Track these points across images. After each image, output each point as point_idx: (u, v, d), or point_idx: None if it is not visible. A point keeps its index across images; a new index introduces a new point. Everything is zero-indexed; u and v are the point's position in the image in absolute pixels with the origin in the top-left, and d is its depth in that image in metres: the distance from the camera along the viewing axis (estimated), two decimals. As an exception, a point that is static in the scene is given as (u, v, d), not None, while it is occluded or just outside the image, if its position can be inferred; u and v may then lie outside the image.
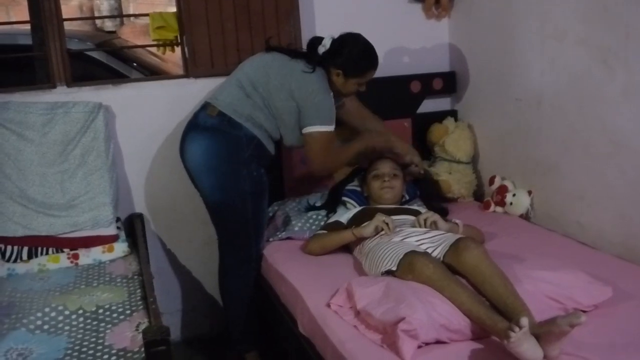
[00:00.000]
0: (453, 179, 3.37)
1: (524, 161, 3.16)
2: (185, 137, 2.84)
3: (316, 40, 2.83)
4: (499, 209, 3.21)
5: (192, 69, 3.18)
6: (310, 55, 2.81)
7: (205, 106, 2.83)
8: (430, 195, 3.20)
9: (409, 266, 2.21)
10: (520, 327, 1.77)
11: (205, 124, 2.79)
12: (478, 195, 3.50)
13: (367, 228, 2.61)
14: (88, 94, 3.05)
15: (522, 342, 1.79)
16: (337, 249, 2.75)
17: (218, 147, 2.76)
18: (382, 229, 2.59)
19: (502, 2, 3.17)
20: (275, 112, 2.77)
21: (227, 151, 2.76)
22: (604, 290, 2.21)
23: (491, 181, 3.30)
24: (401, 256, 2.28)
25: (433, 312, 2.00)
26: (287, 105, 2.74)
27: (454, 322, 2.00)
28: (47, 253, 2.84)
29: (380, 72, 3.19)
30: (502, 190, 3.21)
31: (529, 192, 3.12)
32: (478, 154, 3.53)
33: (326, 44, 2.79)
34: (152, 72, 4.56)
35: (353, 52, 2.77)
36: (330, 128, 2.76)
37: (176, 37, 3.22)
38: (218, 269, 2.97)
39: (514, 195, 3.15)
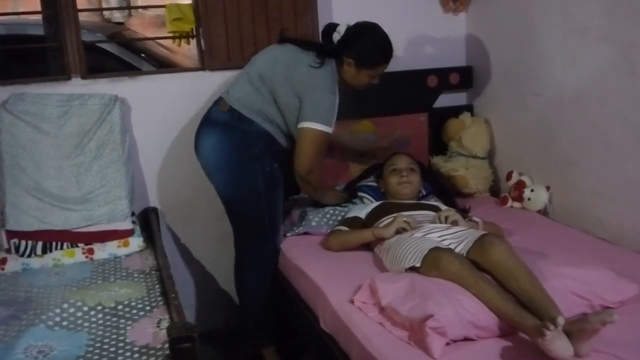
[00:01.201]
0: (470, 174, 3.35)
1: (543, 157, 3.13)
2: (199, 132, 2.82)
3: (331, 27, 2.79)
4: (516, 205, 3.19)
5: (208, 62, 3.15)
6: (325, 42, 2.77)
7: (218, 101, 2.81)
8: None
9: (434, 262, 2.18)
10: (556, 326, 1.75)
11: (217, 119, 2.76)
12: (494, 190, 3.47)
13: (388, 230, 2.58)
14: (103, 86, 3.03)
15: (555, 339, 1.77)
16: (356, 244, 2.73)
17: (228, 142, 2.73)
18: (403, 230, 2.57)
19: (522, -4, 3.14)
20: (280, 107, 2.72)
21: (237, 147, 2.73)
22: (630, 286, 2.20)
23: (508, 176, 3.27)
24: (425, 252, 2.25)
25: (460, 309, 1.97)
26: (290, 102, 2.69)
27: (482, 319, 1.98)
28: (61, 248, 2.81)
29: (397, 66, 3.17)
30: (520, 185, 3.18)
31: (547, 188, 3.09)
32: (494, 150, 3.50)
33: (341, 31, 2.74)
34: (161, 64, 4.53)
35: (368, 42, 2.72)
36: (326, 129, 2.66)
37: (192, 29, 3.18)
38: (234, 264, 2.95)
39: (532, 190, 3.12)
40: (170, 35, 3.23)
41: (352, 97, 2.91)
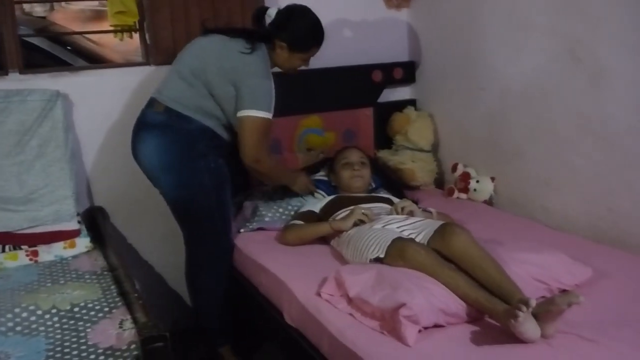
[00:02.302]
0: (417, 167, 3.41)
1: (488, 149, 3.22)
2: (136, 137, 2.71)
3: (262, 11, 2.75)
4: (462, 196, 3.27)
5: (152, 56, 3.06)
6: (255, 26, 2.73)
7: (151, 103, 2.71)
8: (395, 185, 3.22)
9: (400, 253, 2.21)
10: (528, 307, 1.80)
11: (153, 121, 2.67)
12: (438, 182, 3.55)
13: (346, 222, 2.59)
14: (42, 82, 2.90)
15: (525, 321, 1.83)
16: (313, 238, 2.72)
17: (170, 144, 2.64)
18: (360, 223, 2.58)
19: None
20: (217, 99, 2.66)
21: (179, 147, 2.64)
22: (585, 270, 2.29)
23: (454, 168, 3.35)
24: (388, 243, 2.27)
25: (430, 296, 2.00)
26: (226, 92, 2.62)
27: (451, 306, 2.01)
28: (3, 251, 2.67)
29: (342, 61, 3.18)
30: (465, 177, 3.26)
31: (492, 179, 3.19)
32: (438, 143, 3.57)
33: (271, 14, 2.70)
34: (89, 58, 4.39)
35: (300, 26, 2.69)
36: (266, 115, 2.59)
37: (135, 22, 3.08)
38: (186, 265, 2.87)
39: (477, 181, 3.22)
40: (112, 29, 3.12)
41: (297, 92, 2.88)
